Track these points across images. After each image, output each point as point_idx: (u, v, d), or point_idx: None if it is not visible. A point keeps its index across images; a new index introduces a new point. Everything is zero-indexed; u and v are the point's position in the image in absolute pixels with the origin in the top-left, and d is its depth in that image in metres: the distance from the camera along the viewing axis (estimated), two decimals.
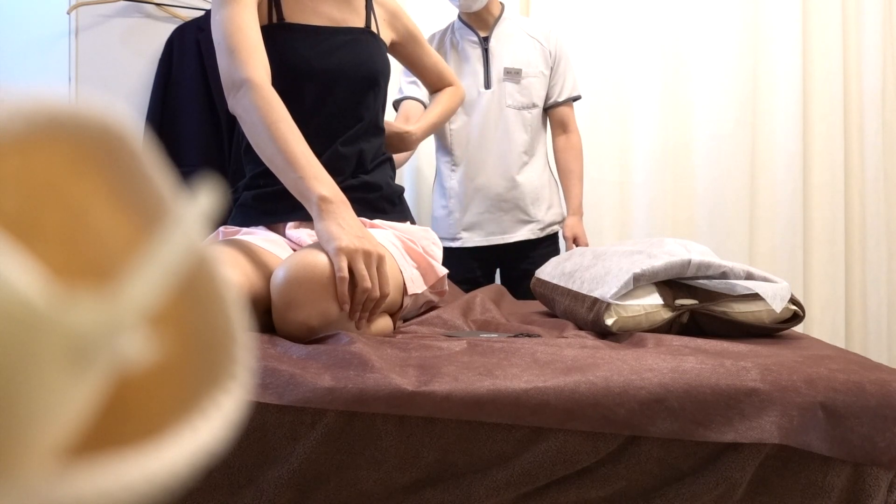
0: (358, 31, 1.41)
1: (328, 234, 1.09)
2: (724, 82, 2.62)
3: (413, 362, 0.88)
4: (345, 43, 1.38)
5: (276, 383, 0.81)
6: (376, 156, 1.44)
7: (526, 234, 2.17)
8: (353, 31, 1.41)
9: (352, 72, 1.37)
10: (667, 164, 2.61)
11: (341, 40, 1.38)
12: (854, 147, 2.74)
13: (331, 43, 1.37)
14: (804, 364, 0.87)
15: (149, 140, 2.24)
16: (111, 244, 0.27)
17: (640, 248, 1.26)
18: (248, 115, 1.19)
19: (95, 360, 0.21)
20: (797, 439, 0.80)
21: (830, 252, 2.70)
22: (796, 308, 1.13)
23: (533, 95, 2.15)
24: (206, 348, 0.27)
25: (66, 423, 0.21)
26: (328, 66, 1.35)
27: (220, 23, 1.25)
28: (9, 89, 0.23)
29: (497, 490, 0.79)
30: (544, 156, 2.23)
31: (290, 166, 1.15)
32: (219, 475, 0.78)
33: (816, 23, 2.70)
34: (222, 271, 0.27)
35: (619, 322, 1.12)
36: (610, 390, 0.80)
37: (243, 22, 1.24)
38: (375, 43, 1.44)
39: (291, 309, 1.05)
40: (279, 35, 1.33)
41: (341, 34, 1.39)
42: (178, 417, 0.25)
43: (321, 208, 1.12)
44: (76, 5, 2.35)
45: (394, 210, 1.44)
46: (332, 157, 1.33)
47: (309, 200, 1.14)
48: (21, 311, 0.19)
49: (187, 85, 2.35)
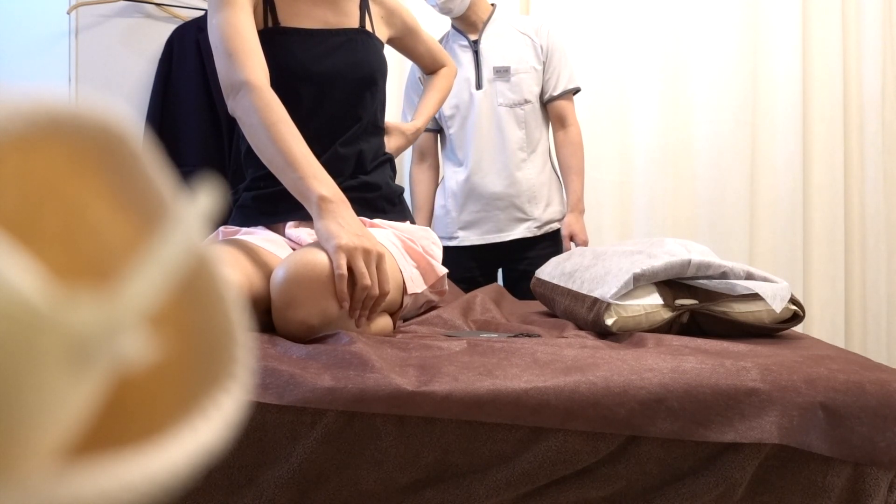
0: (352, 31, 1.42)
1: (328, 232, 1.09)
2: (724, 82, 2.62)
3: (413, 362, 0.88)
4: (340, 45, 1.39)
5: (276, 383, 0.81)
6: (376, 156, 1.44)
7: (522, 232, 2.17)
8: (347, 32, 1.41)
9: (348, 73, 1.38)
10: (667, 163, 2.61)
11: (336, 42, 1.39)
12: (854, 147, 2.74)
13: (326, 45, 1.37)
14: (804, 364, 0.87)
15: (149, 140, 2.24)
16: (111, 244, 0.27)
17: (640, 248, 1.26)
18: (248, 116, 1.19)
19: (95, 360, 0.21)
20: (797, 439, 0.80)
21: (830, 252, 2.70)
22: (796, 308, 1.12)
23: (524, 91, 2.15)
24: (206, 348, 0.27)
25: (66, 423, 0.21)
26: (324, 68, 1.36)
27: (217, 26, 1.25)
28: (9, 89, 0.23)
29: (497, 490, 0.79)
30: (545, 153, 2.22)
31: (290, 166, 1.15)
32: (219, 475, 0.78)
33: (816, 23, 2.70)
34: (222, 271, 0.27)
35: (619, 322, 1.12)
36: (610, 390, 0.80)
37: (241, 25, 1.25)
38: (371, 42, 1.45)
39: (291, 308, 1.05)
40: (275, 39, 1.34)
41: (336, 36, 1.39)
42: (178, 417, 0.25)
43: (321, 207, 1.12)
44: (76, 5, 2.35)
45: (393, 210, 1.44)
46: (332, 158, 1.33)
47: (309, 200, 1.14)
48: (21, 311, 0.19)
49: (187, 85, 2.35)
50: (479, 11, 2.17)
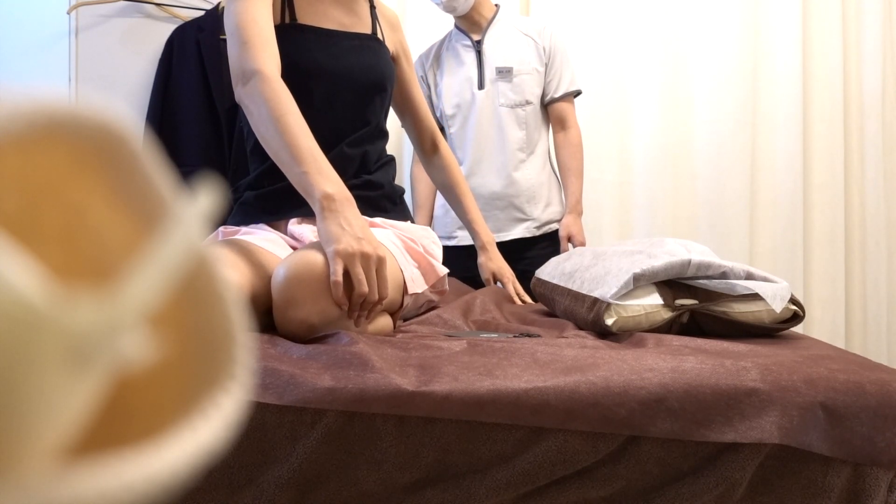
0: (365, 37, 1.43)
1: (328, 235, 1.09)
2: (724, 82, 2.62)
3: (413, 362, 0.88)
4: (353, 48, 1.40)
5: (276, 383, 0.81)
6: (380, 157, 1.46)
7: (521, 232, 2.17)
8: (360, 36, 1.42)
9: (360, 76, 1.38)
10: (667, 164, 2.61)
11: (350, 45, 1.40)
12: (854, 147, 2.74)
13: (340, 46, 1.38)
14: (804, 364, 0.87)
15: (149, 140, 2.24)
16: (111, 244, 0.27)
17: (640, 248, 1.26)
18: (256, 106, 1.18)
19: (95, 360, 0.21)
20: (797, 439, 0.80)
21: (830, 252, 2.70)
22: (796, 308, 1.12)
23: (526, 92, 2.16)
24: (206, 348, 0.27)
25: (66, 423, 0.21)
26: (337, 68, 1.36)
27: (233, 14, 1.26)
28: (9, 89, 0.23)
29: (497, 490, 0.79)
30: (544, 153, 2.23)
31: (296, 161, 1.13)
32: (219, 475, 0.78)
33: (816, 23, 2.70)
34: (222, 271, 0.27)
35: (619, 322, 1.12)
36: (610, 390, 0.80)
37: (258, 14, 1.25)
38: (382, 50, 1.46)
39: (292, 307, 1.05)
40: (291, 35, 1.34)
41: (350, 39, 1.40)
42: (178, 417, 0.25)
43: (324, 206, 1.11)
44: (76, 5, 2.35)
45: (395, 209, 1.45)
46: (338, 157, 1.33)
47: (312, 197, 1.12)
48: (21, 311, 0.19)
49: (187, 85, 2.35)
50: (482, 11, 2.18)
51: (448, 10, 2.14)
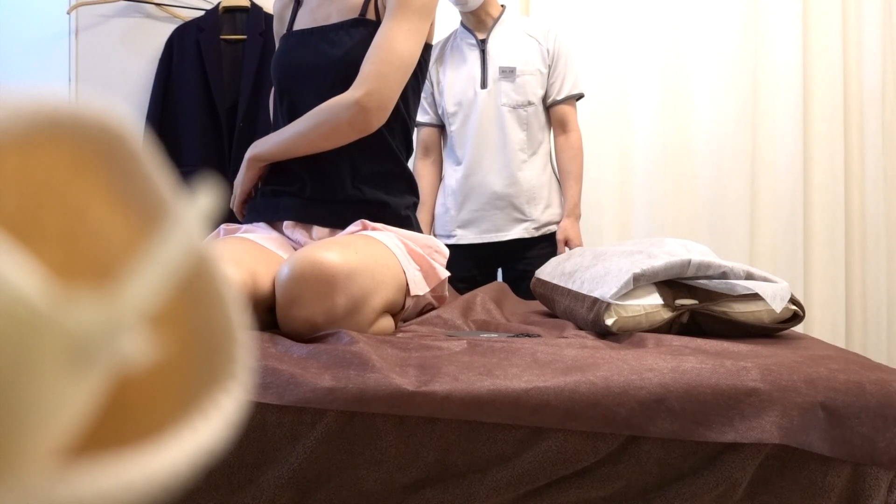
0: (335, 26, 1.34)
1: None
2: (724, 82, 2.62)
3: (413, 362, 0.88)
4: (302, 42, 1.36)
5: (276, 383, 0.81)
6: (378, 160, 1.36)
7: (520, 232, 2.17)
8: (326, 28, 1.35)
9: (324, 69, 1.32)
10: (667, 164, 2.61)
11: (301, 40, 1.37)
12: (854, 147, 2.74)
13: (295, 45, 1.38)
14: (804, 364, 0.87)
15: (149, 140, 2.24)
16: (111, 244, 0.27)
17: (640, 248, 1.26)
18: (336, 118, 1.27)
19: (95, 360, 0.21)
20: (797, 439, 0.80)
21: (830, 252, 2.70)
22: (796, 308, 1.12)
23: (528, 93, 2.16)
24: (206, 348, 0.27)
25: (66, 423, 0.21)
26: (284, 69, 1.38)
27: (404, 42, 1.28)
28: (9, 89, 0.23)
29: (497, 490, 0.79)
30: (546, 155, 2.23)
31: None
32: (219, 475, 0.78)
33: (816, 23, 2.70)
34: (222, 271, 0.27)
35: (619, 322, 1.12)
36: (610, 390, 0.80)
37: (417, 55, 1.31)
38: (355, 31, 1.33)
39: (296, 305, 1.05)
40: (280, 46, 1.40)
41: (313, 34, 1.35)
42: (178, 417, 0.25)
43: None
44: (76, 5, 2.35)
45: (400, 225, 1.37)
46: (318, 159, 1.31)
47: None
48: (21, 311, 0.19)
49: (187, 85, 2.35)
50: (490, 10, 2.19)
51: (458, 4, 2.14)
